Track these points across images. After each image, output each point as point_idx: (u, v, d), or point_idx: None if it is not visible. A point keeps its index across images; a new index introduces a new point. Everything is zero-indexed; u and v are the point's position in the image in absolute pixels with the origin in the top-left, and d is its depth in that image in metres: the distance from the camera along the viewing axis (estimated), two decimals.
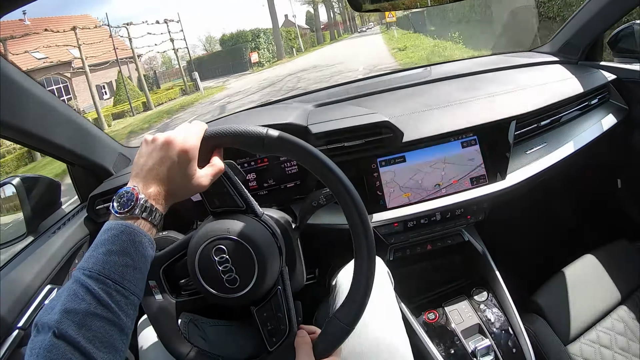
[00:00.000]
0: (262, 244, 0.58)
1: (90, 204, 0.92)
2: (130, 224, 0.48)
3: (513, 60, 1.19)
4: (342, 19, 58.70)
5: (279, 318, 0.60)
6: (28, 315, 0.78)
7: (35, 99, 0.80)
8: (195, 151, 0.53)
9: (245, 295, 0.58)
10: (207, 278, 0.58)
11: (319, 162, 0.56)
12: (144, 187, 0.51)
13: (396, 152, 0.92)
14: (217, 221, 0.60)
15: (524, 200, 1.06)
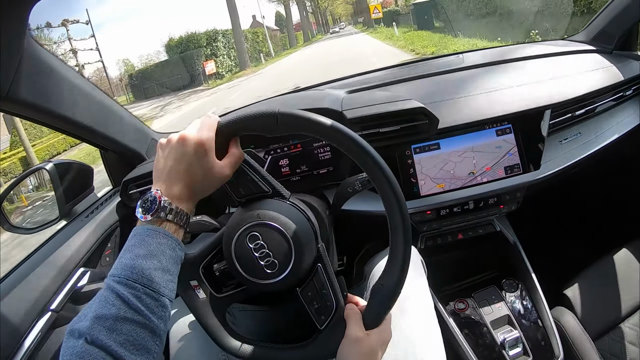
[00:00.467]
0: (294, 224, 0.59)
1: (123, 188, 0.93)
2: (155, 227, 0.49)
3: (546, 48, 1.17)
4: (314, 18, 55.57)
5: (324, 295, 0.60)
6: (61, 297, 0.79)
7: (69, 84, 0.81)
8: (211, 142, 0.53)
9: (287, 278, 0.58)
10: (246, 267, 0.59)
11: (341, 135, 0.53)
12: (166, 189, 0.52)
13: (431, 139, 0.91)
14: (245, 210, 0.60)
15: (556, 191, 1.05)
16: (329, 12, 66.15)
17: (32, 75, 0.69)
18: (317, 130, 0.54)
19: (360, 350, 0.55)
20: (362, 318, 0.57)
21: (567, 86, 0.99)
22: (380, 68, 1.22)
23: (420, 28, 13.56)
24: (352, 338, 0.56)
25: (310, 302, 0.60)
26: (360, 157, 0.53)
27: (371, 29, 27.53)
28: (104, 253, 0.94)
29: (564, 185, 1.03)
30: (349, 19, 69.65)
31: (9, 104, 0.67)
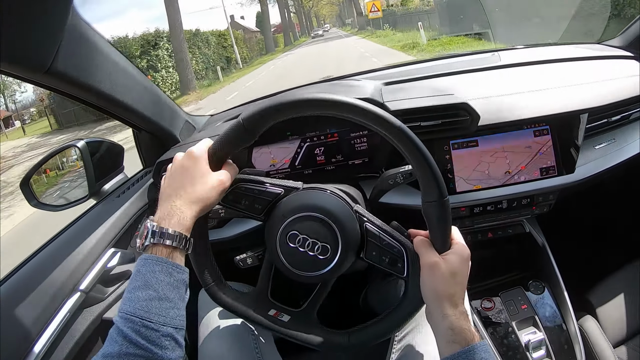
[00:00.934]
0: (318, 203, 0.60)
1: (156, 169, 0.93)
2: (147, 255, 0.50)
3: (583, 51, 1.16)
4: (298, 19, 50.62)
5: (387, 246, 0.59)
6: (91, 278, 0.79)
7: (111, 61, 0.80)
8: (203, 153, 0.56)
9: (344, 252, 0.58)
10: (303, 267, 0.59)
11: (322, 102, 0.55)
12: (160, 212, 0.53)
13: (469, 136, 0.90)
14: (271, 221, 0.61)
15: (588, 196, 1.04)
16: (314, 12, 61.52)
17: (75, 50, 0.69)
18: (288, 112, 0.55)
19: (441, 275, 0.55)
20: (432, 243, 0.57)
21: (604, 91, 0.99)
22: (414, 61, 1.22)
23: (453, 32, 10.36)
24: (428, 265, 0.56)
25: (380, 259, 0.60)
26: (335, 109, 0.55)
27: (364, 31, 24.60)
28: (134, 234, 0.93)
29: (595, 190, 1.02)
30: (333, 21, 65.00)
31: (51, 78, 0.67)
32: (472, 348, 0.50)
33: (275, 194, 0.62)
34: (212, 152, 0.57)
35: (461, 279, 0.56)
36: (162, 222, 0.51)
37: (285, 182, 0.63)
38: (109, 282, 0.86)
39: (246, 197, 0.61)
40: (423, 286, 0.56)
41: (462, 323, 0.53)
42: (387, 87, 0.98)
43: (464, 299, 0.56)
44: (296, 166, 0.93)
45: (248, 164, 0.93)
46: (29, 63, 0.62)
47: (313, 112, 0.55)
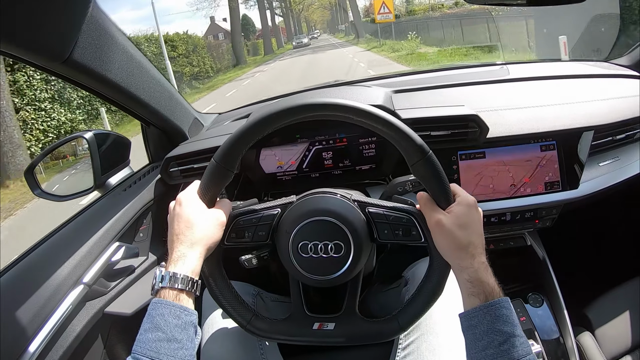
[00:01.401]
0: (317, 206, 0.61)
1: (164, 165, 0.93)
2: (156, 299, 0.52)
3: (590, 69, 1.17)
4: (285, 23, 43.16)
5: (395, 219, 0.60)
6: (95, 271, 0.79)
7: (128, 54, 0.80)
8: (193, 196, 0.59)
9: (358, 244, 0.59)
10: (324, 272, 0.60)
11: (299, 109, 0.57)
12: (169, 257, 0.55)
13: (477, 147, 0.91)
14: (278, 242, 0.62)
15: (590, 213, 1.05)
16: (304, 17, 54.88)
17: (93, 41, 0.69)
18: (254, 135, 0.58)
19: (448, 229, 0.55)
20: (435, 202, 0.57)
21: (610, 110, 1.00)
22: (423, 70, 1.22)
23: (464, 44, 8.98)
24: (434, 224, 0.56)
25: (394, 235, 0.60)
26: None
27: (361, 40, 20.58)
28: (139, 229, 0.93)
29: (598, 207, 1.03)
30: (324, 27, 58.09)
31: (68, 68, 0.68)
32: (493, 304, 0.50)
33: (272, 216, 0.62)
34: (201, 194, 0.59)
35: (472, 228, 0.55)
36: (170, 267, 0.54)
37: (278, 201, 0.64)
38: (112, 276, 0.86)
39: (247, 229, 0.62)
40: (437, 245, 0.57)
41: (480, 275, 0.53)
42: (397, 95, 0.99)
43: (482, 249, 0.56)
44: (303, 169, 0.94)
45: (255, 165, 0.93)
46: (48, 52, 0.63)
47: (282, 125, 0.57)
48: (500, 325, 0.49)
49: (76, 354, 0.76)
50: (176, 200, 0.60)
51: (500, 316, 0.49)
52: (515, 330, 0.49)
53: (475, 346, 0.50)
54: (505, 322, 0.49)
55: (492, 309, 0.50)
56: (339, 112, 0.57)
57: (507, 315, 0.50)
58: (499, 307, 0.50)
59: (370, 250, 0.64)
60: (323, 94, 1.01)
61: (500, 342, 0.48)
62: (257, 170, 0.93)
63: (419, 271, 0.83)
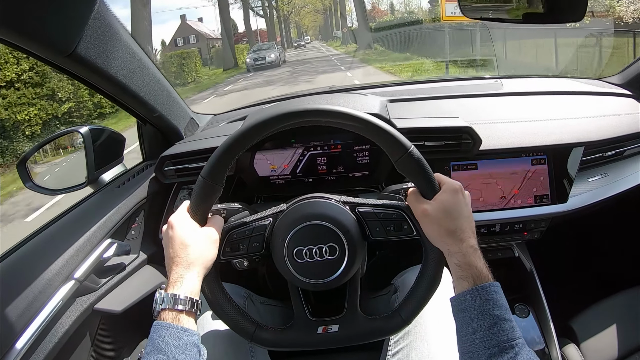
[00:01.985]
0: (306, 211, 0.62)
1: (159, 164, 0.93)
2: (157, 322, 0.53)
3: (583, 86, 1.19)
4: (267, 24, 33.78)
5: (385, 216, 0.61)
6: (86, 267, 0.79)
7: (131, 52, 0.81)
8: (183, 217, 0.59)
9: (352, 245, 0.60)
10: (322, 275, 0.61)
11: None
12: (168, 281, 0.56)
13: (469, 159, 0.92)
14: (273, 250, 0.63)
15: (578, 227, 1.07)
16: (294, 22, 46.60)
17: (98, 37, 0.70)
18: (239, 147, 0.59)
19: (434, 217, 0.56)
20: (421, 194, 0.59)
21: (601, 127, 1.02)
22: (419, 81, 1.24)
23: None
24: (419, 215, 0.57)
25: (385, 232, 0.61)
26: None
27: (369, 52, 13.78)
28: (131, 226, 0.93)
29: (585, 221, 1.05)
30: (316, 32, 49.66)
31: (72, 62, 0.68)
32: (483, 287, 0.51)
33: (265, 226, 0.63)
34: (192, 213, 0.60)
35: (459, 212, 0.56)
36: (169, 289, 0.55)
37: (268, 210, 0.65)
38: (103, 272, 0.86)
39: (241, 241, 0.62)
40: (427, 234, 0.58)
41: (469, 259, 0.53)
42: (392, 105, 1.00)
43: (472, 233, 0.56)
44: (297, 173, 0.95)
45: (250, 167, 0.93)
46: (53, 45, 0.63)
47: (265, 135, 0.59)
48: (490, 309, 0.50)
49: (64, 349, 0.76)
50: (168, 223, 0.60)
51: (490, 299, 0.50)
52: (505, 314, 0.50)
53: (465, 329, 0.51)
54: (495, 305, 0.50)
55: (482, 292, 0.51)
56: (324, 117, 0.58)
57: (497, 299, 0.50)
58: (489, 290, 0.51)
59: (365, 250, 0.65)
60: (318, 100, 1.02)
61: (490, 324, 0.49)
62: (251, 173, 0.94)
63: (409, 279, 0.84)
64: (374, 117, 0.58)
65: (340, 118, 0.58)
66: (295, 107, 0.58)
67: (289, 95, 1.12)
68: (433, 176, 0.58)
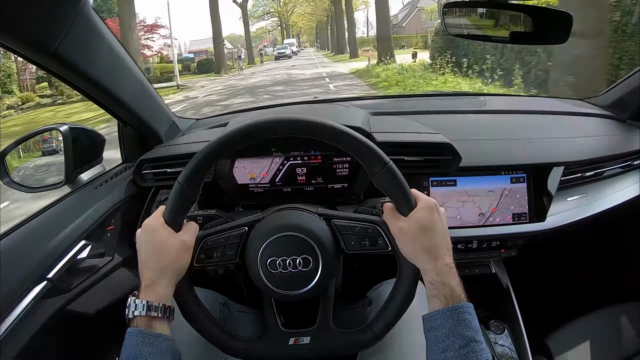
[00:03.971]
0: (279, 222, 0.62)
1: (138, 167, 0.92)
2: (130, 329, 0.52)
3: (565, 106, 1.21)
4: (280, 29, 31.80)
5: (360, 231, 0.61)
6: (59, 267, 0.78)
7: (113, 53, 0.81)
8: (157, 223, 0.58)
9: (326, 257, 0.60)
10: (295, 287, 0.61)
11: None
12: (141, 286, 0.55)
13: (449, 175, 0.93)
14: (247, 259, 0.62)
15: (555, 245, 1.08)
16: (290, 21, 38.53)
17: (81, 37, 0.69)
18: (216, 156, 0.59)
19: (410, 235, 0.56)
20: (397, 209, 0.58)
21: (581, 147, 1.03)
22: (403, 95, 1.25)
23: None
24: (396, 232, 0.57)
25: (360, 246, 0.61)
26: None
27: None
28: (106, 229, 0.92)
29: (563, 240, 1.06)
30: (310, 39, 42.11)
31: (53, 60, 0.68)
32: (456, 307, 0.51)
33: (240, 234, 0.63)
34: (167, 219, 0.59)
35: (434, 230, 0.56)
36: (141, 295, 0.54)
37: (244, 219, 0.64)
38: (77, 274, 0.85)
39: (216, 249, 0.62)
40: (402, 251, 0.58)
41: (443, 277, 0.54)
42: (374, 118, 1.01)
43: (447, 250, 0.56)
44: (276, 183, 0.94)
45: (229, 174, 0.93)
46: (35, 43, 0.63)
47: (246, 144, 0.59)
48: (462, 330, 0.50)
49: (34, 350, 0.74)
50: (142, 227, 0.59)
51: (463, 320, 0.51)
52: (476, 336, 0.50)
53: (435, 348, 0.51)
54: (466, 326, 0.50)
55: (455, 313, 0.51)
56: (303, 128, 0.58)
57: (469, 320, 0.51)
58: (462, 311, 0.51)
59: (339, 263, 0.65)
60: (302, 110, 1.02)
61: (460, 345, 0.49)
62: (230, 180, 0.93)
63: (384, 292, 0.84)
64: (354, 130, 0.58)
65: (319, 130, 0.58)
66: (275, 118, 0.58)
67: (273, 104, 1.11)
68: (410, 192, 0.58)
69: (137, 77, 0.89)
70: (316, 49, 33.36)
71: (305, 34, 43.14)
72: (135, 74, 0.88)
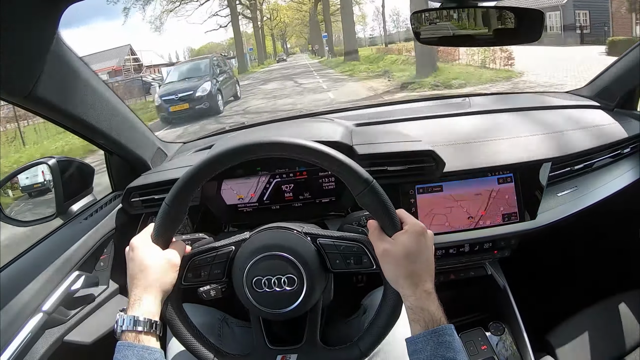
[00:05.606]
0: (266, 241, 0.63)
1: (126, 195, 0.93)
2: (120, 342, 0.55)
3: (550, 100, 1.21)
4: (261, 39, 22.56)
5: (345, 249, 0.62)
6: (54, 299, 0.79)
7: (90, 87, 0.81)
8: (145, 241, 0.60)
9: (312, 276, 0.60)
10: (280, 306, 0.61)
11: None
12: (129, 301, 0.57)
13: (434, 181, 0.92)
14: (233, 278, 0.63)
15: (549, 241, 1.07)
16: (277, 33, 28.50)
17: (55, 76, 0.70)
18: (202, 178, 0.60)
19: (394, 259, 0.56)
20: (382, 229, 0.58)
21: (568, 141, 1.03)
22: (388, 102, 1.25)
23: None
24: (380, 254, 0.57)
25: (345, 264, 0.62)
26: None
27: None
28: (99, 258, 0.93)
29: (557, 235, 1.05)
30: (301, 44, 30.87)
31: (31, 102, 0.69)
32: (436, 330, 0.52)
33: (227, 253, 0.63)
34: (154, 237, 0.61)
35: (418, 257, 0.56)
36: (129, 310, 0.56)
37: (232, 238, 0.65)
38: (72, 304, 0.86)
39: (203, 268, 0.63)
40: (384, 273, 0.58)
41: (422, 303, 0.54)
42: (358, 129, 1.01)
43: (429, 277, 0.57)
44: (264, 201, 0.95)
45: (217, 196, 0.93)
46: (9, 87, 0.63)
47: (230, 165, 0.60)
48: (443, 351, 0.51)
49: None
50: (130, 244, 0.61)
51: (443, 342, 0.51)
52: (458, 356, 0.51)
53: None
54: (448, 348, 0.51)
55: (435, 336, 0.52)
56: (285, 151, 0.59)
57: (450, 342, 0.51)
58: (442, 333, 0.52)
59: (326, 281, 0.65)
60: (285, 127, 1.03)
61: None
62: (218, 202, 0.94)
63: (377, 299, 0.84)
64: (333, 145, 0.59)
65: (300, 151, 0.58)
66: (258, 140, 0.59)
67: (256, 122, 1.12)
68: (394, 212, 0.58)
69: (117, 107, 0.90)
70: (310, 55, 25.71)
71: (294, 35, 30.89)
72: (114, 104, 0.89)
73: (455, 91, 7.09)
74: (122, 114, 0.92)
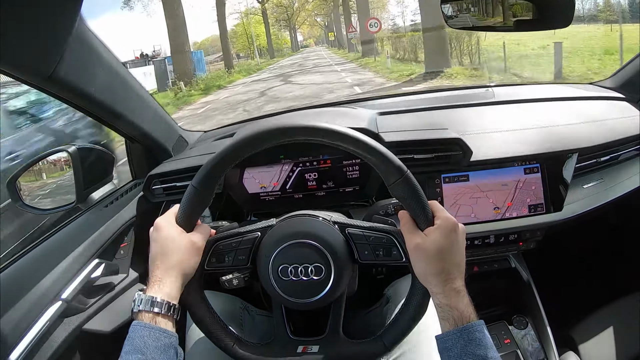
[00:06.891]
0: (294, 229, 0.61)
1: (147, 183, 0.92)
2: (136, 321, 0.53)
3: (575, 91, 1.18)
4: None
5: (374, 240, 0.60)
6: (73, 287, 0.78)
7: (112, 71, 0.80)
8: (169, 222, 0.59)
9: (339, 266, 0.59)
10: (305, 295, 0.60)
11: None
12: (149, 281, 0.56)
13: (461, 170, 0.91)
14: (258, 265, 0.62)
15: (574, 234, 1.05)
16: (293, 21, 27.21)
17: (78, 58, 0.69)
18: (230, 160, 0.58)
19: (425, 255, 0.54)
20: (414, 222, 0.57)
21: (595, 132, 1.01)
22: (411, 92, 1.23)
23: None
24: (412, 248, 0.56)
25: (374, 256, 0.60)
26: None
27: None
28: (120, 246, 0.92)
29: (582, 228, 1.03)
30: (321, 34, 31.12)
31: (52, 84, 0.68)
32: (466, 328, 0.51)
33: (252, 239, 0.62)
34: (178, 220, 0.59)
35: (450, 254, 0.55)
36: (148, 290, 0.55)
37: (258, 224, 0.64)
38: (92, 293, 0.85)
39: (228, 253, 0.61)
40: (414, 268, 0.57)
41: (450, 301, 0.53)
42: (381, 117, 0.99)
43: (458, 274, 0.55)
44: (287, 190, 0.94)
45: (239, 185, 0.92)
46: (32, 68, 0.62)
47: (260, 149, 0.58)
48: (473, 349, 0.50)
49: None
50: (154, 224, 0.60)
51: (474, 339, 0.50)
52: (488, 353, 0.50)
53: None
54: (478, 345, 0.50)
55: (465, 333, 0.51)
56: (318, 136, 0.57)
57: (480, 339, 0.50)
58: (472, 330, 0.51)
59: (352, 272, 0.64)
60: (308, 115, 1.01)
61: None
62: (240, 190, 0.93)
63: (400, 289, 0.83)
64: (360, 131, 0.57)
65: (338, 139, 0.57)
66: (291, 124, 0.57)
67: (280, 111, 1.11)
68: (427, 205, 0.57)
69: (139, 94, 0.89)
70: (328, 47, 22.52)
71: (308, 24, 27.82)
72: (137, 90, 0.88)
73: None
74: (145, 101, 0.91)
